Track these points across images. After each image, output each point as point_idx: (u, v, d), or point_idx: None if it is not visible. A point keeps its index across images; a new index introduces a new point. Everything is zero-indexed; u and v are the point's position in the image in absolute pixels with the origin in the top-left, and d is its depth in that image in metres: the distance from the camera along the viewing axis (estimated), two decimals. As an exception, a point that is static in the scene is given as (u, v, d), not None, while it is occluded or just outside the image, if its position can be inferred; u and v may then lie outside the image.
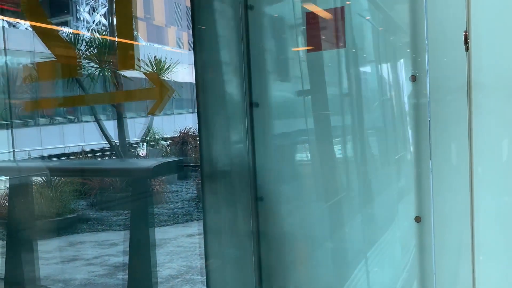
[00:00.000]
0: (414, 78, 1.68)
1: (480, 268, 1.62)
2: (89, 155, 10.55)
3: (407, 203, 1.75)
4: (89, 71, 7.30)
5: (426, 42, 1.63)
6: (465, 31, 1.53)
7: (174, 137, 11.43)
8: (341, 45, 1.84)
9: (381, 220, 1.87)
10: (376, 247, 1.86)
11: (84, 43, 7.80)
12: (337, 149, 1.91)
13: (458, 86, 1.60)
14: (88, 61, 7.32)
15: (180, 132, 11.27)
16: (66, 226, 7.30)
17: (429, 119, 1.66)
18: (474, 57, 1.57)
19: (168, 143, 11.74)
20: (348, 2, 1.81)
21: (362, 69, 1.86)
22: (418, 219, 1.71)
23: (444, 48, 1.63)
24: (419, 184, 1.71)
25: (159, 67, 8.43)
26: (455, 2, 1.57)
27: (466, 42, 1.54)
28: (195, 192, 9.31)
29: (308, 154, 2.04)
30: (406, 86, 1.70)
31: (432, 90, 1.64)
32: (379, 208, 1.86)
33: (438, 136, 1.66)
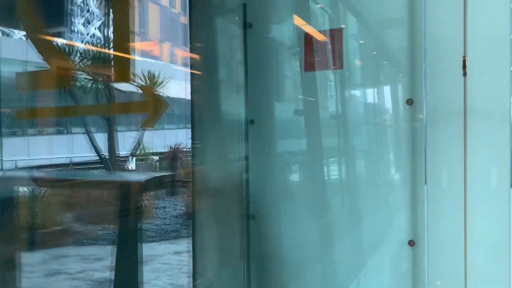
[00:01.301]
0: (411, 102, 1.69)
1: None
2: (77, 167, 10.42)
3: (401, 227, 1.74)
4: (82, 83, 7.27)
5: (424, 66, 1.64)
6: (464, 57, 1.55)
7: (164, 152, 11.38)
8: (338, 66, 1.86)
9: (374, 243, 1.85)
10: (369, 270, 1.85)
11: (78, 54, 7.79)
12: (332, 171, 1.91)
13: (454, 111, 1.61)
14: (81, 73, 7.30)
15: (170, 147, 11.23)
16: (50, 239, 7.16)
17: (424, 143, 1.67)
18: (469, 82, 1.59)
19: (157, 158, 11.67)
20: (343, 26, 1.83)
21: (358, 91, 1.87)
22: (412, 243, 1.70)
23: (441, 73, 1.64)
24: (413, 208, 1.71)
25: (152, 81, 8.43)
26: (453, 28, 1.60)
27: (464, 67, 1.55)
28: (184, 208, 9.22)
29: (302, 174, 2.03)
30: (403, 110, 1.71)
31: (429, 114, 1.65)
32: (372, 231, 1.85)
33: (433, 160, 1.66)
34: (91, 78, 7.29)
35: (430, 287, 1.67)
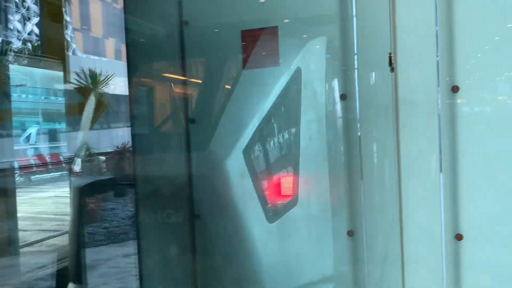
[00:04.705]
0: (344, 97, 1.73)
1: (410, 275, 1.68)
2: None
3: (341, 218, 1.78)
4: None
5: (356, 62, 1.69)
6: (390, 53, 1.61)
7: (111, 152, 11.03)
8: (275, 63, 1.87)
9: (315, 234, 1.89)
10: (311, 259, 1.88)
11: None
12: (272, 168, 1.92)
13: (386, 105, 1.67)
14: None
15: (117, 147, 10.91)
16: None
17: (359, 134, 1.72)
18: (400, 76, 1.65)
19: (104, 158, 11.31)
20: (286, 20, 1.84)
21: (294, 87, 1.90)
22: (351, 233, 1.76)
23: (372, 69, 1.70)
24: (351, 199, 1.76)
25: (94, 80, 8.13)
26: (381, 24, 1.65)
27: (391, 63, 1.61)
28: (132, 209, 9.00)
29: (243, 172, 2.04)
30: (337, 105, 1.76)
31: (362, 109, 1.70)
32: (313, 223, 1.89)
33: (368, 153, 1.72)
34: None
35: (369, 274, 1.73)
